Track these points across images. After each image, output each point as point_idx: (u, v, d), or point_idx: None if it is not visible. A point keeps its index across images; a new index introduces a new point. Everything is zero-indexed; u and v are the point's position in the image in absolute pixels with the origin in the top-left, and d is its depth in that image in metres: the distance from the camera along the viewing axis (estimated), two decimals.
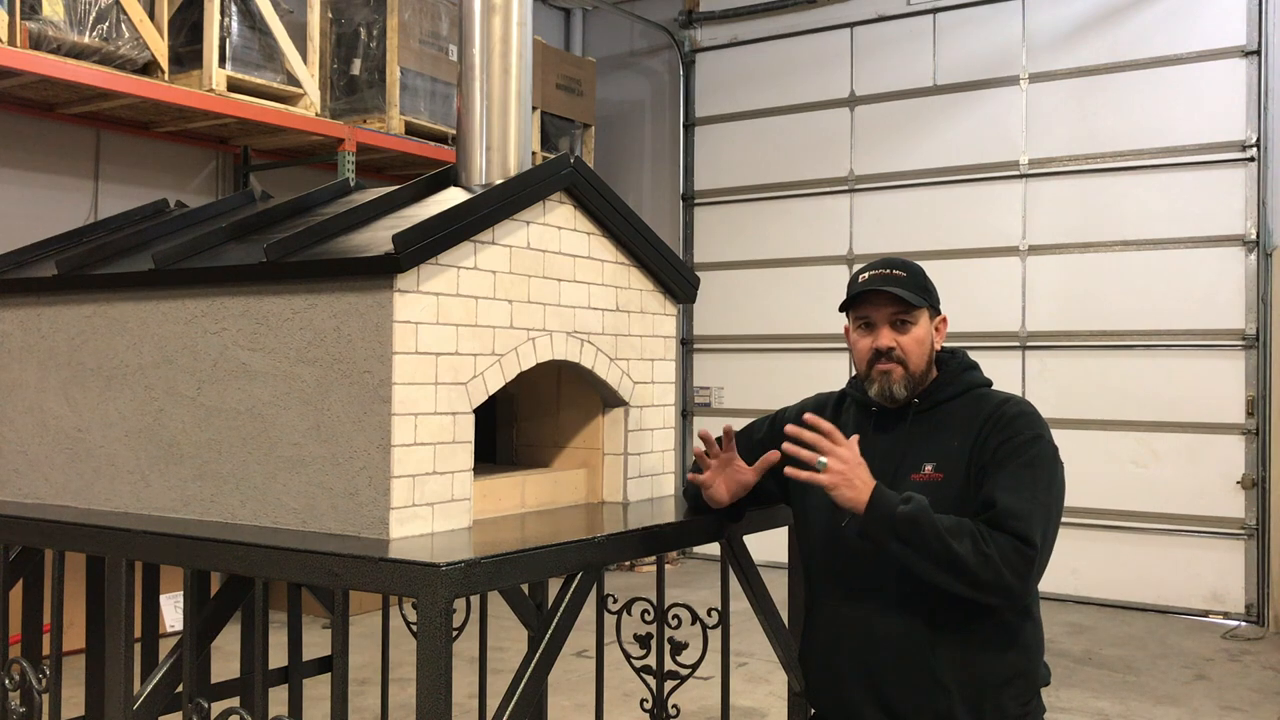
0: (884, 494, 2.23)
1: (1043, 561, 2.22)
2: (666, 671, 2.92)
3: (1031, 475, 2.26)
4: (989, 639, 2.31)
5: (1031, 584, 2.22)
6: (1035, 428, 2.33)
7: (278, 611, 3.88)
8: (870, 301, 2.43)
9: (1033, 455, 2.28)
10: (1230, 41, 7.27)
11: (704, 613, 2.94)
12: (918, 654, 2.31)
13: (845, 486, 2.24)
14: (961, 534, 2.17)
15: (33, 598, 3.06)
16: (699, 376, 9.29)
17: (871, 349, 2.42)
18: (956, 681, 2.29)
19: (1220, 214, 7.29)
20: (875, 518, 2.21)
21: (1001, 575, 2.16)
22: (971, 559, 2.15)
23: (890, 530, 2.19)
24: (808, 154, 8.74)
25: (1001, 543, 2.17)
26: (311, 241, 2.58)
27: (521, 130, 2.98)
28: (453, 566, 2.05)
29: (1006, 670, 2.32)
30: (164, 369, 2.74)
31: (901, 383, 2.41)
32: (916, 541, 2.18)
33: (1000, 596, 2.21)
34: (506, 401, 3.25)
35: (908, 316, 2.41)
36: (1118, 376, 7.57)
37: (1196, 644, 6.58)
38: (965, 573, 2.16)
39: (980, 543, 2.16)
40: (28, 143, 6.38)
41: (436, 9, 7.44)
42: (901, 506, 2.20)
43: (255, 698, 2.47)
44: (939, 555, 2.16)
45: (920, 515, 2.18)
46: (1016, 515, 2.19)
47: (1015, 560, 2.17)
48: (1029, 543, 2.18)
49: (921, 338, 2.43)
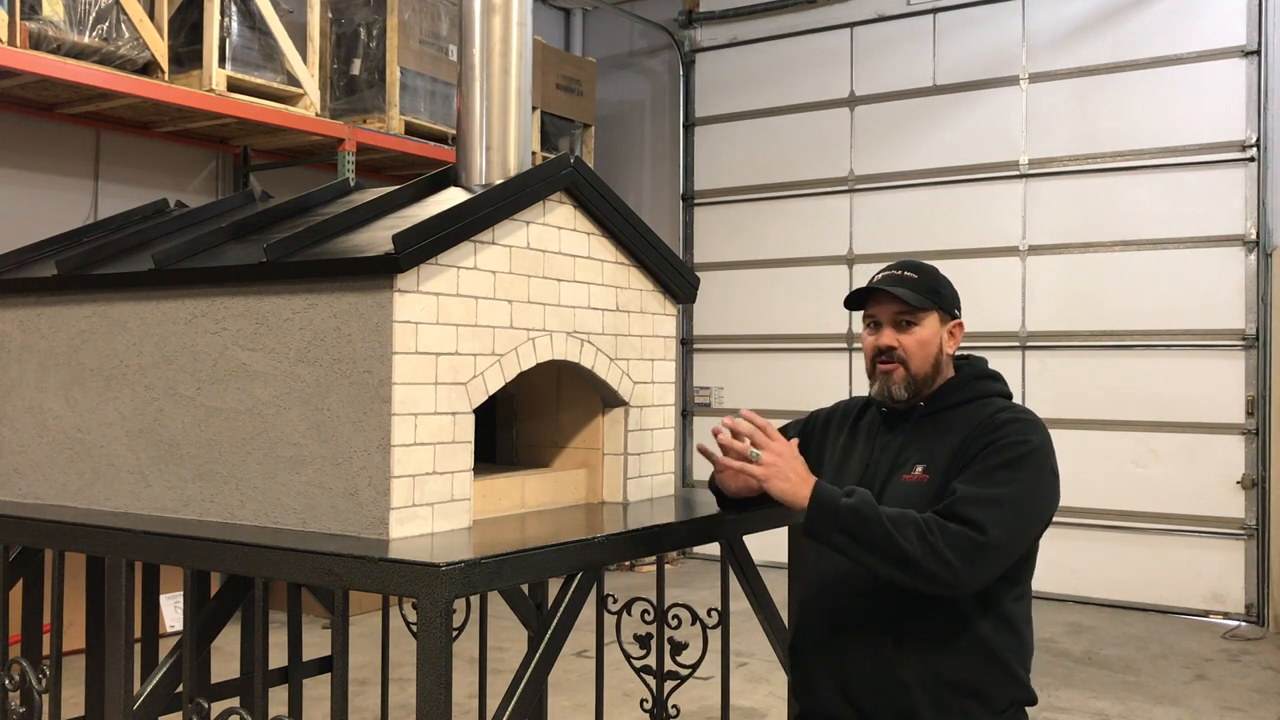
0: (825, 488, 2.22)
1: (1000, 555, 2.18)
2: (666, 671, 2.92)
3: (1007, 475, 2.22)
4: (954, 641, 2.28)
5: (981, 572, 2.16)
6: (1024, 434, 2.29)
7: (278, 611, 3.88)
8: (878, 301, 2.45)
9: (1013, 457, 2.25)
10: (1230, 41, 7.27)
11: (704, 613, 2.94)
12: (881, 650, 2.30)
13: (778, 479, 2.24)
14: (905, 524, 2.15)
15: (33, 598, 3.06)
16: (699, 376, 9.29)
17: (875, 346, 2.45)
18: (918, 679, 2.27)
19: (1220, 214, 7.29)
20: (818, 510, 2.20)
21: (947, 563, 2.12)
22: (914, 549, 2.12)
23: (835, 523, 2.18)
24: (807, 154, 8.74)
25: (950, 531, 2.14)
26: (311, 241, 2.58)
27: (521, 130, 2.98)
28: (453, 566, 2.05)
29: (973, 677, 2.28)
30: (164, 369, 2.74)
31: (902, 383, 2.41)
32: (861, 534, 2.16)
33: (946, 585, 2.16)
34: (506, 401, 3.25)
35: (911, 317, 2.41)
36: (1117, 376, 7.57)
37: (1196, 644, 6.58)
38: (908, 562, 2.13)
39: (925, 533, 2.13)
40: (28, 143, 6.38)
41: (436, 9, 7.44)
42: (845, 499, 2.19)
43: (255, 698, 2.47)
44: (882, 546, 2.14)
45: (863, 508, 2.17)
46: (972, 502, 2.17)
47: (963, 545, 2.13)
48: (980, 529, 2.14)
49: (925, 339, 2.42)
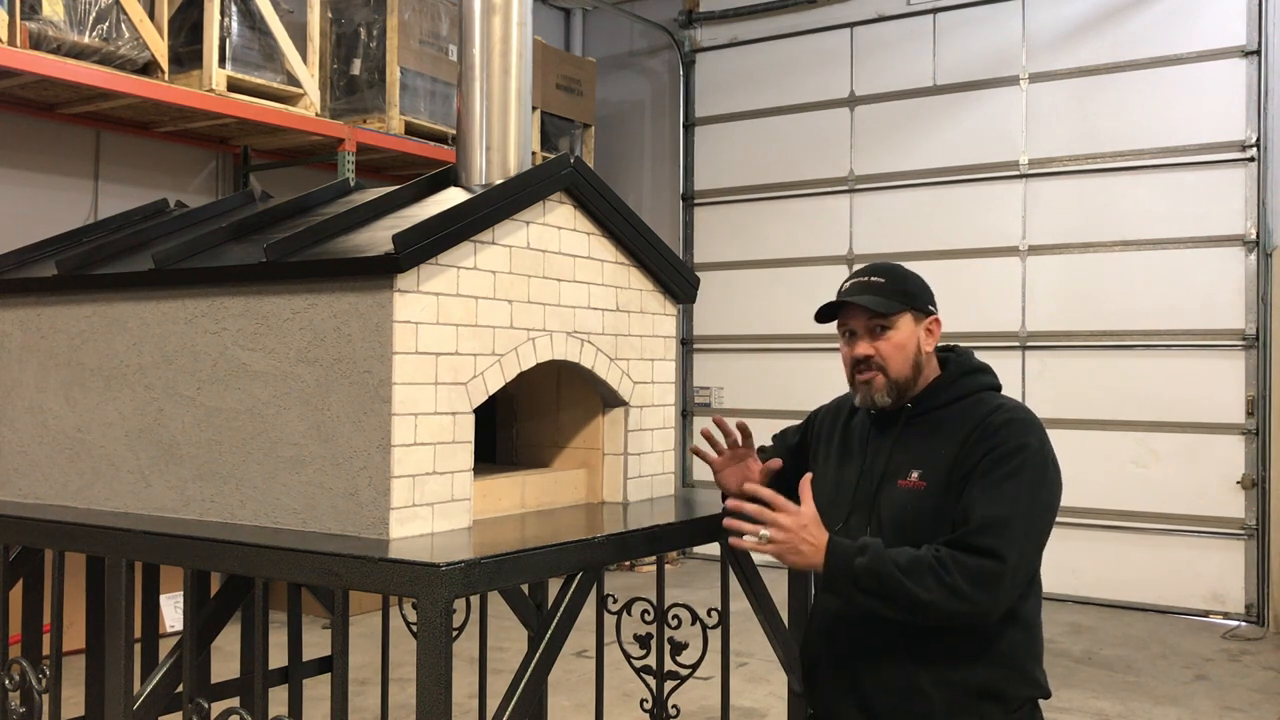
0: (838, 551, 2.20)
1: (1019, 576, 2.19)
2: (666, 671, 2.92)
3: (1014, 486, 2.21)
4: (969, 646, 2.28)
5: (1004, 599, 2.18)
6: (1022, 436, 2.28)
7: (278, 611, 3.88)
8: (849, 312, 2.42)
9: (1016, 465, 2.23)
10: (1230, 41, 7.27)
11: (704, 613, 2.94)
12: (897, 658, 2.29)
13: (790, 554, 2.22)
14: (920, 571, 2.14)
15: (33, 598, 3.06)
16: (699, 376, 9.29)
17: (851, 358, 2.43)
18: (935, 686, 2.27)
19: (1220, 214, 7.29)
20: (834, 575, 2.20)
21: (969, 599, 2.13)
22: (934, 596, 2.13)
23: (852, 584, 2.18)
24: (808, 154, 8.74)
25: (966, 564, 2.14)
26: (311, 241, 2.58)
27: (521, 130, 2.98)
28: (453, 566, 2.05)
29: (990, 680, 2.28)
30: (164, 369, 2.74)
31: (884, 390, 2.39)
32: (879, 592, 2.16)
33: (973, 618, 2.18)
34: (506, 401, 3.25)
35: (884, 322, 2.38)
36: (1117, 376, 7.57)
37: (1196, 644, 6.58)
38: (930, 609, 2.14)
39: (942, 574, 2.13)
40: (28, 143, 6.38)
41: (436, 9, 7.44)
42: (859, 559, 2.17)
43: (255, 698, 2.47)
44: (903, 601, 2.15)
45: (877, 566, 2.16)
46: (992, 528, 2.17)
47: (983, 579, 2.14)
48: (998, 557, 2.14)
49: (901, 343, 2.39)
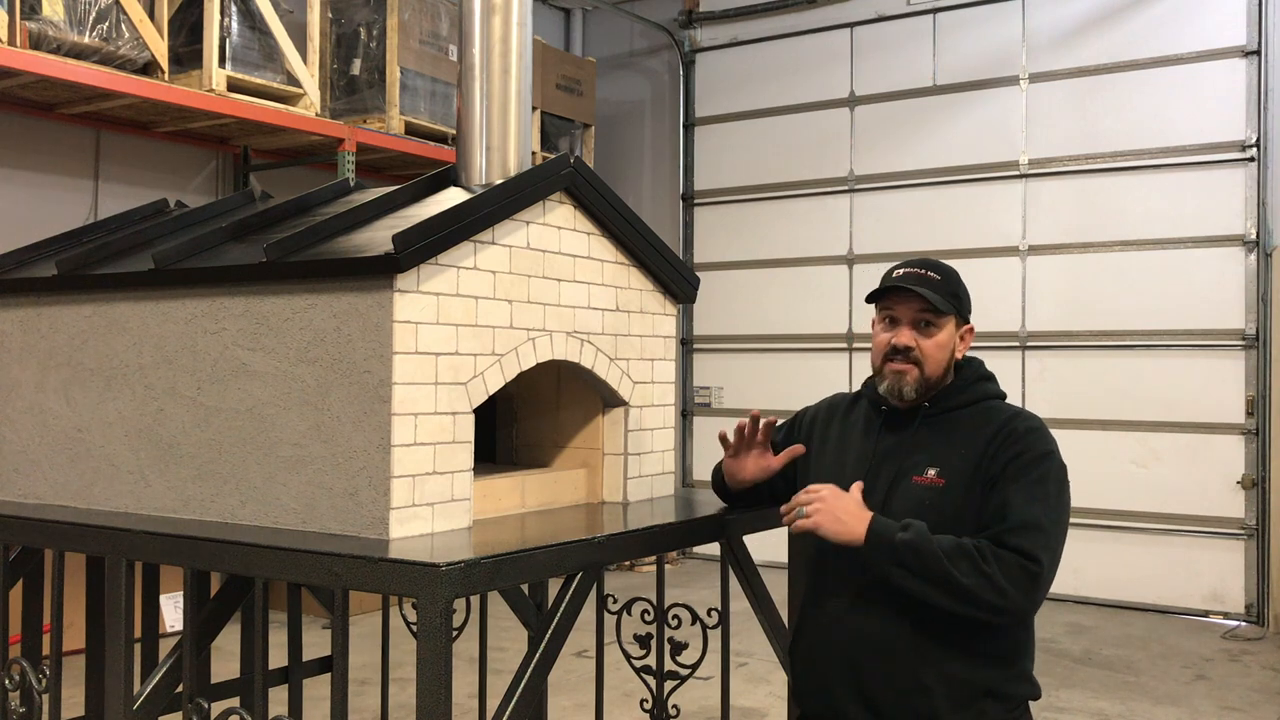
0: (881, 523, 2.23)
1: (1049, 579, 2.22)
2: (666, 671, 2.92)
3: (1044, 491, 2.25)
4: (973, 644, 2.29)
5: (1037, 600, 2.21)
6: (1047, 444, 2.33)
7: (278, 611, 3.88)
8: (901, 298, 2.42)
9: (1045, 471, 2.28)
10: (1230, 41, 7.27)
11: (704, 613, 2.94)
12: (901, 654, 2.30)
13: (830, 523, 2.25)
14: (959, 556, 2.17)
15: (33, 598, 3.06)
16: (699, 376, 9.29)
17: (889, 344, 2.42)
18: (939, 683, 2.28)
19: (1220, 214, 7.29)
20: (876, 546, 2.22)
21: (1004, 594, 2.15)
22: (972, 582, 2.15)
23: (892, 558, 2.20)
24: (808, 154, 8.74)
25: (1006, 560, 2.17)
26: (311, 241, 2.58)
27: (521, 130, 2.98)
28: (453, 566, 2.05)
29: (991, 677, 2.30)
30: (164, 369, 2.74)
31: (914, 385, 2.40)
32: (917, 568, 2.18)
33: (1004, 615, 2.20)
34: (506, 401, 3.25)
35: (933, 319, 2.40)
36: (1118, 377, 7.57)
37: (1196, 644, 6.58)
38: (966, 596, 2.16)
39: (980, 563, 2.16)
40: (28, 143, 6.38)
41: (436, 9, 7.44)
42: (901, 534, 2.20)
43: (255, 698, 2.47)
44: (939, 581, 2.17)
45: (920, 542, 2.18)
46: (1028, 530, 2.19)
47: (1019, 577, 2.16)
48: (1035, 559, 2.17)
49: (943, 343, 2.42)
